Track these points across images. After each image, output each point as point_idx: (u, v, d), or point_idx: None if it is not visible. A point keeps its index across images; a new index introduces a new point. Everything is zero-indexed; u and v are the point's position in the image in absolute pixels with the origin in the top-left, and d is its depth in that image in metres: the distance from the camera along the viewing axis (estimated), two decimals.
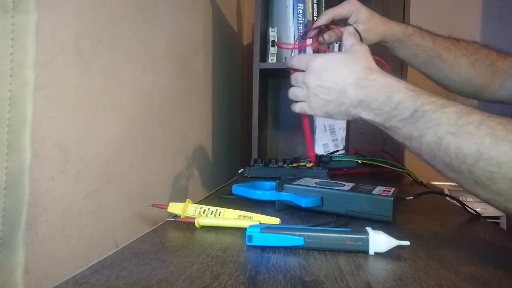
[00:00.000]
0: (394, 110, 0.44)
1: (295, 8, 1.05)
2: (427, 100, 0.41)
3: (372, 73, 0.47)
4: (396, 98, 0.44)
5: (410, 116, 0.42)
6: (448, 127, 0.38)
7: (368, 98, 0.47)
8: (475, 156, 0.35)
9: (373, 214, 0.46)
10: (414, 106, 0.42)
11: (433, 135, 0.39)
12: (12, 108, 0.30)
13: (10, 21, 0.30)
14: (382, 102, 0.45)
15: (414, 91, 0.43)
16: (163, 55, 0.63)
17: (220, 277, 0.28)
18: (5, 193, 0.30)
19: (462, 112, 0.37)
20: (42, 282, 0.34)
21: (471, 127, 0.36)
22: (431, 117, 0.40)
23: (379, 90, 0.46)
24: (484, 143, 0.34)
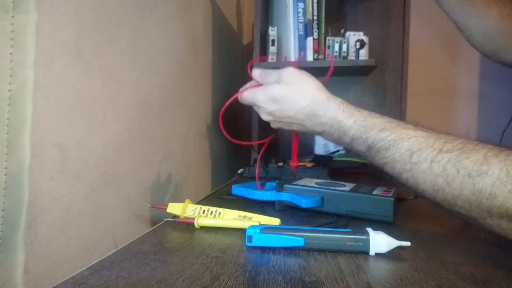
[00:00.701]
0: (350, 144, 0.46)
1: (295, 7, 1.05)
2: (378, 136, 0.42)
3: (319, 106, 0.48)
4: (349, 135, 0.45)
5: (367, 150, 0.44)
6: (403, 164, 0.39)
7: (325, 131, 0.48)
8: (432, 192, 0.37)
9: (374, 215, 0.46)
10: (367, 143, 0.43)
11: (391, 168, 0.41)
12: (11, 108, 0.30)
13: (10, 21, 0.30)
14: (338, 136, 0.47)
15: (364, 126, 0.44)
16: (163, 55, 0.63)
17: (219, 278, 0.28)
18: (4, 193, 0.30)
19: (414, 148, 0.39)
20: (42, 282, 0.34)
21: (424, 166, 0.37)
22: (385, 153, 0.41)
23: (331, 126, 0.47)
24: (438, 183, 0.36)
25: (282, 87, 0.51)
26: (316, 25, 1.05)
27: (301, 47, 1.05)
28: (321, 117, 0.47)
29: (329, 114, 0.47)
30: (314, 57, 1.05)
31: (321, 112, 0.47)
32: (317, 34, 1.05)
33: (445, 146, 0.37)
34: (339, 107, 0.47)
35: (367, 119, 0.44)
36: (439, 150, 0.37)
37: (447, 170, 0.35)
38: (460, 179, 0.34)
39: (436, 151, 0.37)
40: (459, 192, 0.35)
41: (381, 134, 0.42)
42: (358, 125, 0.44)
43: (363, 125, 0.44)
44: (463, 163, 0.34)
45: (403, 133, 0.40)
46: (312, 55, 1.04)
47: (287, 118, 0.51)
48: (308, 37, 1.04)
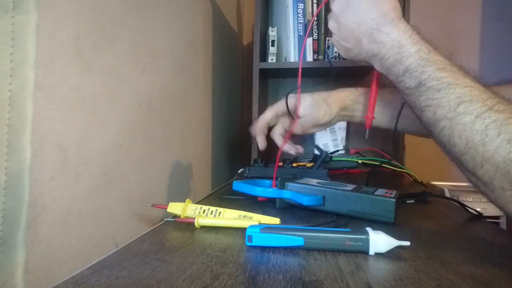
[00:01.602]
0: (401, 76, 0.42)
1: (295, 7, 1.05)
2: (435, 74, 0.39)
3: (388, 23, 0.44)
4: (405, 64, 0.42)
5: (415, 87, 0.41)
6: (446, 111, 0.37)
7: (380, 54, 0.44)
8: (463, 148, 0.36)
9: (375, 215, 0.46)
10: (419, 79, 0.40)
11: (432, 113, 0.39)
12: (12, 108, 0.30)
13: (10, 21, 0.30)
14: (392, 63, 0.43)
15: (424, 59, 0.40)
16: (163, 55, 0.63)
17: (220, 277, 0.28)
18: (5, 193, 0.30)
19: (465, 98, 0.36)
20: (42, 282, 0.34)
21: (467, 119, 0.35)
22: (433, 95, 0.39)
23: (390, 48, 0.43)
24: (473, 140, 0.34)
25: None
26: (316, 26, 1.06)
27: (301, 47, 1.05)
28: (384, 36, 0.44)
29: (394, 35, 0.43)
30: (313, 58, 1.05)
31: (387, 30, 0.43)
32: (317, 35, 1.06)
33: (497, 106, 0.34)
34: (407, 31, 0.43)
35: (430, 54, 0.41)
36: (489, 107, 0.34)
37: (488, 129, 0.33)
38: (498, 142, 0.32)
39: (486, 107, 0.35)
40: (490, 155, 0.33)
41: (438, 73, 0.39)
42: (419, 56, 0.41)
43: (423, 58, 0.41)
44: (508, 128, 0.32)
45: (460, 80, 0.38)
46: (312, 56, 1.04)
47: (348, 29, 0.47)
48: (308, 38, 1.04)
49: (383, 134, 1.22)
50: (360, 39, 0.46)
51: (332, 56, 1.06)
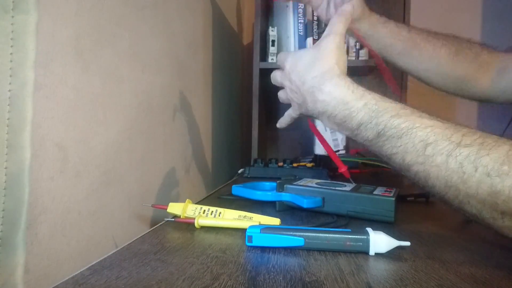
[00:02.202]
0: (356, 129, 0.41)
1: (295, 7, 1.05)
2: (391, 122, 0.38)
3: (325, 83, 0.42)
4: (357, 119, 0.40)
5: (374, 138, 0.39)
6: (415, 156, 0.36)
7: (327, 111, 0.43)
8: (444, 188, 0.35)
9: (375, 215, 0.46)
10: (377, 129, 0.39)
11: (401, 159, 0.38)
12: (12, 108, 0.30)
13: (10, 21, 0.30)
14: (342, 119, 0.42)
15: (375, 111, 0.39)
16: (163, 55, 0.63)
17: (220, 278, 0.28)
18: (5, 193, 0.30)
19: (429, 139, 0.35)
20: (42, 282, 0.34)
21: (439, 160, 0.34)
22: (396, 143, 0.37)
23: (336, 106, 0.42)
24: (452, 179, 0.33)
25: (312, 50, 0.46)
26: (316, 26, 1.06)
27: (301, 47, 1.05)
28: (325, 94, 0.42)
29: (336, 93, 0.42)
30: None
31: (327, 88, 0.42)
32: (317, 35, 1.06)
33: (464, 140, 0.33)
34: (348, 87, 0.42)
35: (379, 103, 0.40)
36: (457, 143, 0.34)
37: (463, 166, 0.32)
38: (478, 177, 0.32)
39: (454, 144, 0.34)
40: (474, 192, 0.32)
41: (393, 121, 0.38)
42: (368, 109, 0.39)
43: (374, 109, 0.39)
44: (482, 161, 0.32)
45: (418, 122, 0.37)
46: None
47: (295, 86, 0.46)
48: (308, 38, 1.04)
49: None
50: (305, 98, 0.45)
51: None
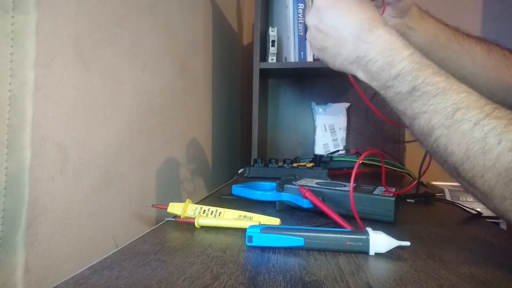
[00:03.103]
0: (392, 80, 0.39)
1: (295, 8, 1.05)
2: (430, 79, 0.37)
3: (378, 26, 0.41)
4: (397, 68, 0.39)
5: (408, 92, 0.38)
6: (443, 118, 0.35)
7: (367, 56, 0.41)
8: (462, 157, 0.34)
9: (375, 215, 0.46)
10: (414, 83, 0.38)
11: (426, 120, 0.37)
12: (12, 108, 0.30)
13: (10, 21, 0.30)
14: (381, 67, 0.40)
15: (418, 63, 0.38)
16: (163, 55, 0.63)
17: (220, 278, 0.28)
18: (5, 193, 0.30)
19: (462, 104, 0.35)
20: (42, 282, 0.34)
21: (465, 126, 0.34)
22: (429, 101, 0.36)
23: (381, 51, 0.40)
24: (473, 148, 0.33)
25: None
26: None
27: (301, 47, 1.05)
28: (374, 36, 0.41)
29: (386, 37, 0.40)
30: (314, 58, 1.05)
31: (379, 31, 0.41)
32: None
33: (495, 112, 0.33)
34: (398, 35, 0.41)
35: (423, 58, 0.38)
36: (487, 114, 0.33)
37: (488, 137, 0.32)
38: (499, 151, 0.31)
39: (484, 114, 0.33)
40: (491, 164, 0.32)
41: (433, 78, 0.37)
42: (412, 60, 0.38)
43: (417, 61, 0.38)
44: (508, 135, 0.31)
45: (456, 85, 0.36)
46: (313, 56, 1.04)
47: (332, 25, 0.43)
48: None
49: (384, 134, 1.22)
50: (345, 39, 0.43)
51: None
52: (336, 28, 0.43)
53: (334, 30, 0.43)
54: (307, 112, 1.25)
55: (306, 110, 1.25)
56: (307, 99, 1.25)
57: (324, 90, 1.25)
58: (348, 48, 0.42)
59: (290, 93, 1.26)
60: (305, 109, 1.25)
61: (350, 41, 0.42)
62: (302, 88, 1.26)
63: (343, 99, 1.21)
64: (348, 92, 1.22)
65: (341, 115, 1.17)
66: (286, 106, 1.27)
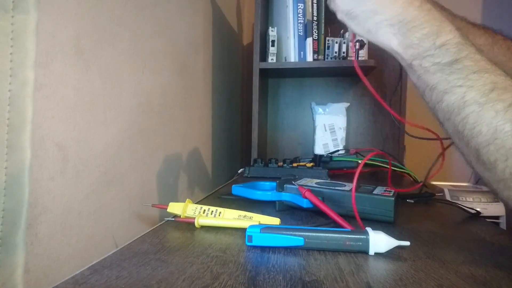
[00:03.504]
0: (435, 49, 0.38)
1: (295, 7, 1.05)
2: (473, 56, 0.37)
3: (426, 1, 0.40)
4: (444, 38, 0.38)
5: (448, 63, 0.38)
6: (478, 95, 0.35)
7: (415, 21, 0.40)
8: (489, 138, 0.33)
9: (375, 214, 0.46)
10: (457, 55, 0.37)
11: (460, 96, 0.36)
12: (12, 108, 0.30)
13: (10, 21, 0.30)
14: (427, 34, 0.39)
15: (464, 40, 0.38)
16: (163, 55, 0.63)
17: (220, 277, 0.28)
18: (5, 193, 0.30)
19: (499, 85, 0.34)
20: (42, 282, 0.34)
21: (499, 106, 0.33)
22: (468, 75, 0.36)
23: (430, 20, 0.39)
24: (503, 129, 0.32)
25: None
26: (316, 26, 1.06)
27: (301, 47, 1.05)
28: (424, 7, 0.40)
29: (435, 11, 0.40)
30: (314, 58, 1.05)
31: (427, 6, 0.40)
32: (316, 35, 1.06)
33: None
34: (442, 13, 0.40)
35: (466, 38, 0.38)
36: None
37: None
38: None
39: None
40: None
41: (475, 55, 0.37)
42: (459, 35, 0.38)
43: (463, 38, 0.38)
44: None
45: (495, 68, 0.36)
46: (312, 56, 1.05)
47: None
48: (308, 38, 1.04)
49: (384, 134, 1.22)
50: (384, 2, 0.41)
51: (332, 56, 1.06)
52: None
53: None
54: (307, 112, 1.25)
55: (306, 110, 1.25)
56: (307, 99, 1.25)
57: (324, 90, 1.25)
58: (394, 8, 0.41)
59: (290, 93, 1.26)
60: (305, 109, 1.25)
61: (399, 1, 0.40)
62: (302, 88, 1.26)
63: (343, 99, 1.21)
64: (348, 92, 1.22)
65: (341, 115, 1.17)
66: (286, 106, 1.27)
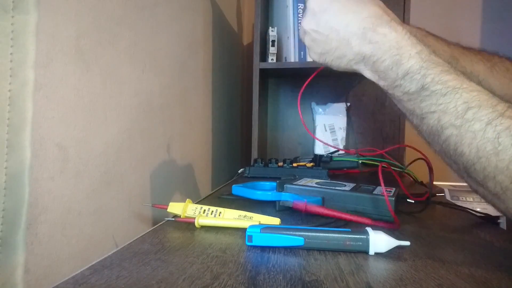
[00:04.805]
0: (399, 79, 0.38)
1: (295, 8, 1.05)
2: (439, 77, 0.36)
3: (382, 24, 0.40)
4: (405, 67, 0.38)
5: (416, 92, 0.37)
6: (453, 118, 0.34)
7: (374, 56, 0.40)
8: (473, 157, 0.33)
9: (375, 214, 0.46)
10: (422, 82, 0.37)
11: (435, 120, 0.36)
12: (12, 108, 0.30)
13: (10, 21, 0.30)
14: (388, 66, 0.39)
15: (427, 61, 0.37)
16: (163, 55, 0.63)
17: (220, 277, 0.28)
18: (5, 193, 0.30)
19: (473, 103, 0.34)
20: (42, 282, 0.34)
21: (477, 126, 0.33)
22: (438, 100, 0.35)
23: (387, 50, 0.39)
24: (485, 149, 0.32)
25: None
26: None
27: (301, 47, 1.05)
28: (379, 36, 0.39)
29: (392, 36, 0.39)
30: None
31: (384, 30, 0.39)
32: None
33: (508, 111, 0.32)
34: (405, 33, 0.39)
35: (432, 55, 0.38)
36: (500, 113, 0.32)
37: (501, 137, 0.31)
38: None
39: (497, 113, 0.32)
40: (504, 166, 0.31)
41: (442, 76, 0.36)
42: (421, 58, 0.37)
43: (426, 59, 0.37)
44: None
45: (466, 83, 0.35)
46: None
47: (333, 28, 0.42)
48: None
49: (384, 134, 1.22)
50: (348, 40, 0.41)
51: None
52: (337, 30, 0.42)
53: (336, 33, 0.42)
54: (307, 112, 1.25)
55: (306, 110, 1.25)
56: (307, 99, 1.25)
57: (324, 90, 1.25)
58: (353, 49, 0.41)
59: (290, 93, 1.26)
60: (305, 109, 1.25)
61: (354, 41, 0.41)
62: None
63: (343, 99, 1.21)
64: (348, 92, 1.22)
65: (341, 115, 1.17)
66: (286, 106, 1.27)
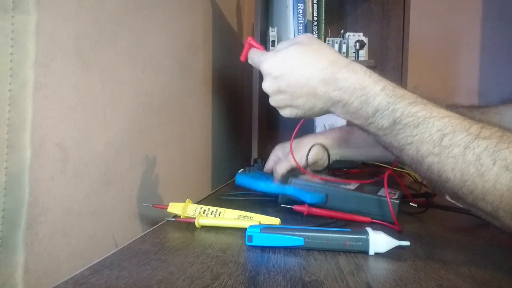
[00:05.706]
0: (371, 117, 0.39)
1: (295, 8, 1.05)
2: (408, 110, 0.36)
3: (341, 70, 0.40)
4: (373, 105, 0.38)
5: (389, 127, 0.38)
6: (431, 147, 0.35)
7: (342, 101, 0.41)
8: (459, 182, 0.33)
9: (378, 216, 0.46)
10: (393, 117, 0.37)
11: (414, 151, 0.36)
12: (12, 108, 0.30)
13: (10, 21, 0.30)
14: (358, 107, 0.40)
15: (393, 96, 0.38)
16: (163, 55, 0.63)
17: (220, 277, 0.28)
18: (5, 193, 0.30)
19: (447, 129, 0.34)
20: (42, 282, 0.34)
21: (455, 151, 0.33)
22: (412, 132, 0.36)
23: (353, 92, 0.40)
24: (468, 172, 0.32)
25: (297, 47, 0.43)
26: (316, 26, 1.06)
27: None
28: (341, 82, 0.40)
29: (352, 79, 0.39)
30: None
31: (343, 75, 0.40)
32: (317, 35, 1.05)
33: (483, 132, 0.32)
34: (365, 72, 0.40)
35: (396, 89, 0.38)
36: (475, 135, 0.32)
37: (482, 159, 0.31)
38: (496, 171, 0.30)
39: (472, 136, 0.32)
40: (491, 186, 0.31)
41: (411, 108, 0.36)
42: (386, 94, 0.38)
43: (391, 95, 0.38)
44: (501, 154, 0.30)
45: (436, 111, 0.35)
46: None
47: (296, 86, 0.42)
48: None
49: None
50: (313, 92, 0.42)
51: None
52: (301, 86, 0.42)
53: (299, 89, 0.42)
54: None
55: None
56: None
57: None
58: (321, 98, 0.42)
59: None
60: None
61: (320, 92, 0.41)
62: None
63: None
64: None
65: None
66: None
